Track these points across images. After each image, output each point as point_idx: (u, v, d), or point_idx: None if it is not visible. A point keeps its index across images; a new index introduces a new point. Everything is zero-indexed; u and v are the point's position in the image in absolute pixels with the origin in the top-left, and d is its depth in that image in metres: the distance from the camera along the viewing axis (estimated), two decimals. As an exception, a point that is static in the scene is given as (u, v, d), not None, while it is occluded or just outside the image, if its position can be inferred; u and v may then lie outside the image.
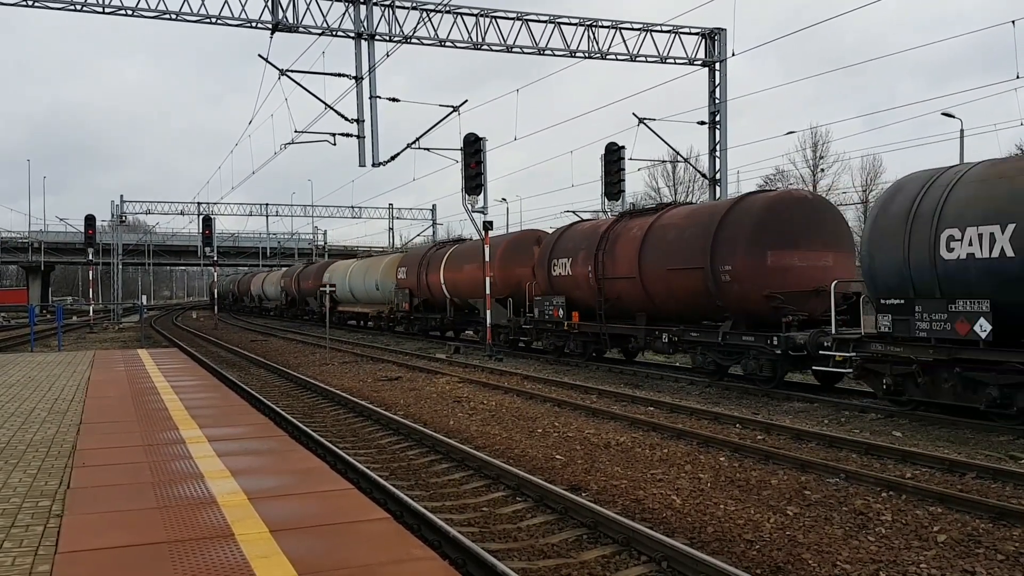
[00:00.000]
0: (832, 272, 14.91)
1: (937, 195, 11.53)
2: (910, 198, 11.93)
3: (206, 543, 4.71)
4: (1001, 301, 10.55)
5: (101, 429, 8.65)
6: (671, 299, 17.34)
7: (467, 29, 25.87)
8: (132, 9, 23.40)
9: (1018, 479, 8.31)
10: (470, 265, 26.56)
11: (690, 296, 16.65)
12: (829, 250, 15.25)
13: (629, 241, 18.50)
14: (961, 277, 11.10)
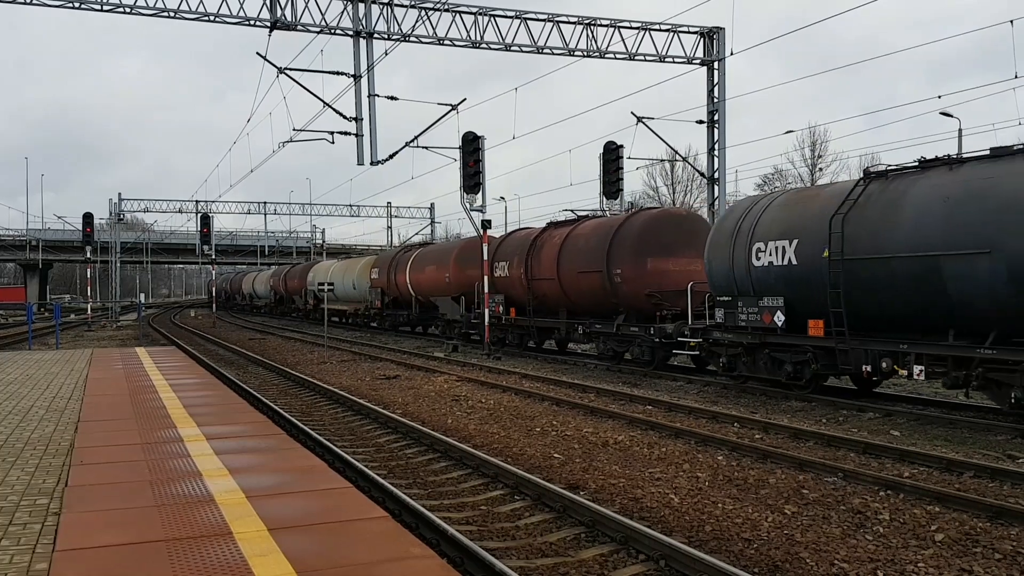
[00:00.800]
0: (700, 276, 17.11)
1: (754, 216, 14.79)
2: (736, 218, 15.31)
3: (204, 541, 4.71)
4: (790, 298, 13.93)
5: (99, 427, 8.65)
6: (582, 297, 20.66)
7: (466, 27, 25.86)
8: (130, 7, 23.36)
9: (1016, 478, 8.33)
10: (431, 267, 29.75)
11: (594, 294, 19.97)
12: (699, 257, 17.25)
13: (551, 248, 21.74)
14: (766, 280, 14.34)
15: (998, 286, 10.87)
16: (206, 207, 64.42)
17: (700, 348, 16.49)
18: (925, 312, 12.00)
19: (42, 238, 77.71)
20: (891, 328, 12.59)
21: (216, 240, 59.09)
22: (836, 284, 12.88)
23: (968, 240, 11.20)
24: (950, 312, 11.62)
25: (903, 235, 12.05)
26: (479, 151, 24.43)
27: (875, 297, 12.58)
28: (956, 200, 11.50)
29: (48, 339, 32.83)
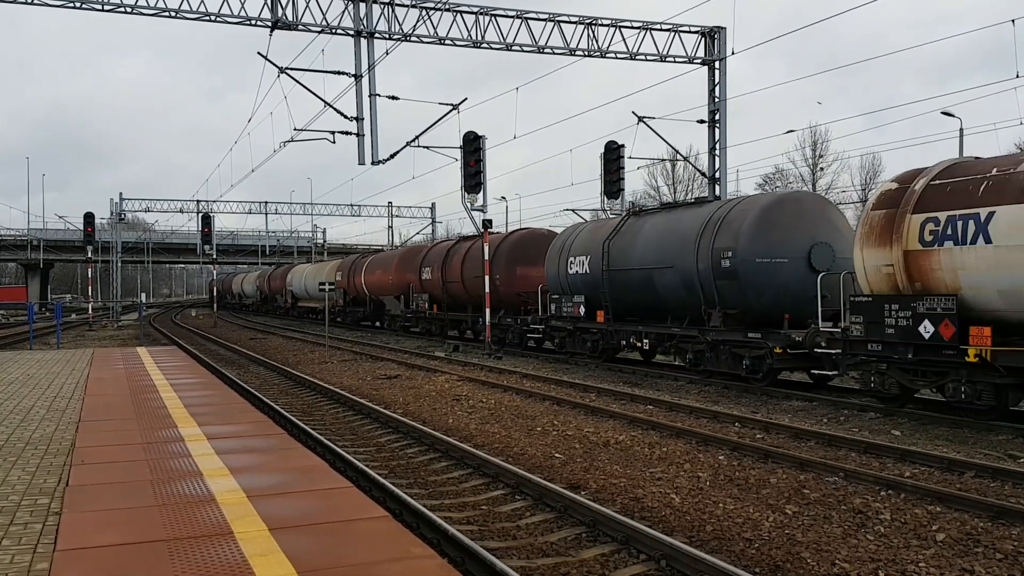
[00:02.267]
0: None
1: (570, 239, 21.65)
2: (562, 240, 22.30)
3: (205, 541, 4.70)
4: (587, 296, 20.23)
5: (100, 427, 8.65)
6: (477, 296, 26.17)
7: (467, 27, 25.84)
8: (131, 6, 23.35)
9: (1017, 478, 8.32)
10: (379, 271, 36.08)
11: (492, 294, 25.22)
12: None
13: (459, 257, 28.12)
14: (574, 283, 20.84)
15: (679, 289, 17.04)
16: (207, 207, 64.39)
17: (543, 332, 22.66)
18: (649, 306, 18.37)
19: (43, 238, 77.73)
20: (636, 316, 19.02)
21: (217, 240, 59.20)
22: (606, 287, 19.22)
23: (665, 259, 17.42)
24: (662, 306, 17.93)
25: (637, 255, 18.40)
26: (480, 151, 24.42)
27: (626, 296, 18.94)
28: (661, 233, 17.94)
29: (49, 339, 32.85)
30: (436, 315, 30.35)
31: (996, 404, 11.15)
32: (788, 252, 15.09)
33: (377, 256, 39.47)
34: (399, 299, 33.43)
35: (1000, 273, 10.61)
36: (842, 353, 12.98)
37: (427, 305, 30.66)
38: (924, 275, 11.57)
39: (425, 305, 30.79)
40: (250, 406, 10.67)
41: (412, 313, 32.08)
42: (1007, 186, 10.59)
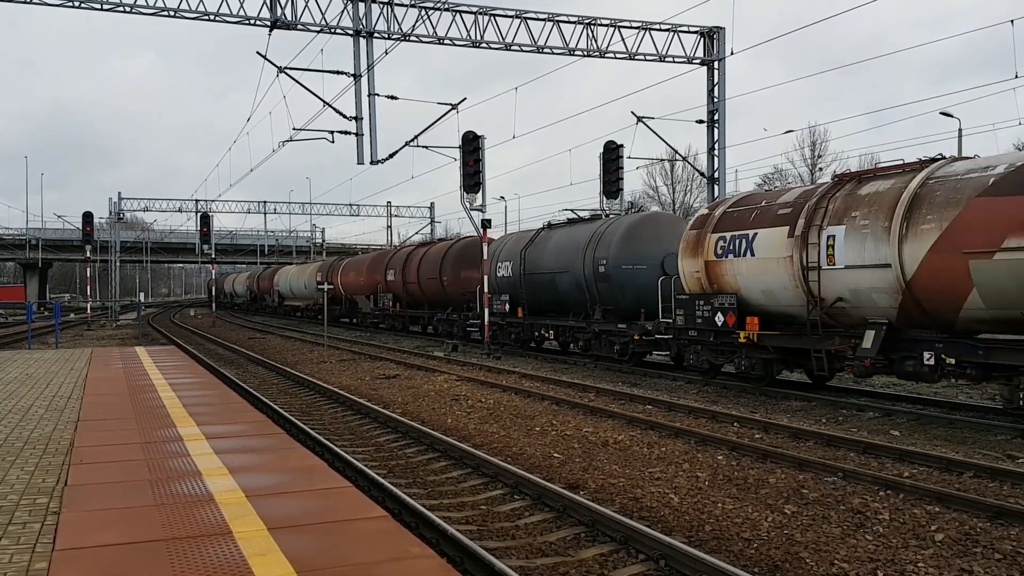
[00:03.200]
0: None
1: (501, 246, 25.20)
2: (495, 247, 25.42)
3: (204, 541, 4.70)
4: (511, 295, 23.80)
5: (99, 426, 8.65)
6: (431, 295, 30.69)
7: (466, 27, 25.84)
8: (130, 6, 23.35)
9: (1016, 478, 8.32)
10: (353, 272, 40.17)
11: (436, 293, 30.01)
12: None
13: (415, 261, 31.98)
14: (503, 285, 24.36)
15: (573, 289, 20.90)
16: (206, 206, 64.38)
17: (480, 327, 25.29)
18: (554, 304, 22.16)
19: (42, 237, 77.68)
20: (547, 313, 22.76)
21: (216, 239, 59.20)
22: (523, 288, 23.17)
23: (564, 265, 21.28)
24: (563, 303, 21.77)
25: (545, 261, 22.29)
26: (479, 150, 24.42)
27: (538, 295, 22.80)
28: (562, 244, 21.72)
29: (48, 338, 32.82)
30: (399, 312, 34.45)
31: (765, 374, 14.86)
32: (647, 260, 18.84)
33: (352, 259, 43.96)
34: (369, 298, 37.44)
35: (760, 277, 14.20)
36: (672, 338, 16.76)
37: (391, 303, 34.90)
38: (718, 279, 15.22)
39: (389, 303, 35.06)
40: (249, 406, 10.66)
41: (379, 311, 36.31)
42: (765, 215, 14.34)
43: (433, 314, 30.32)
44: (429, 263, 30.34)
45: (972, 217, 10.90)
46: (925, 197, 11.59)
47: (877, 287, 12.15)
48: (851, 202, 12.74)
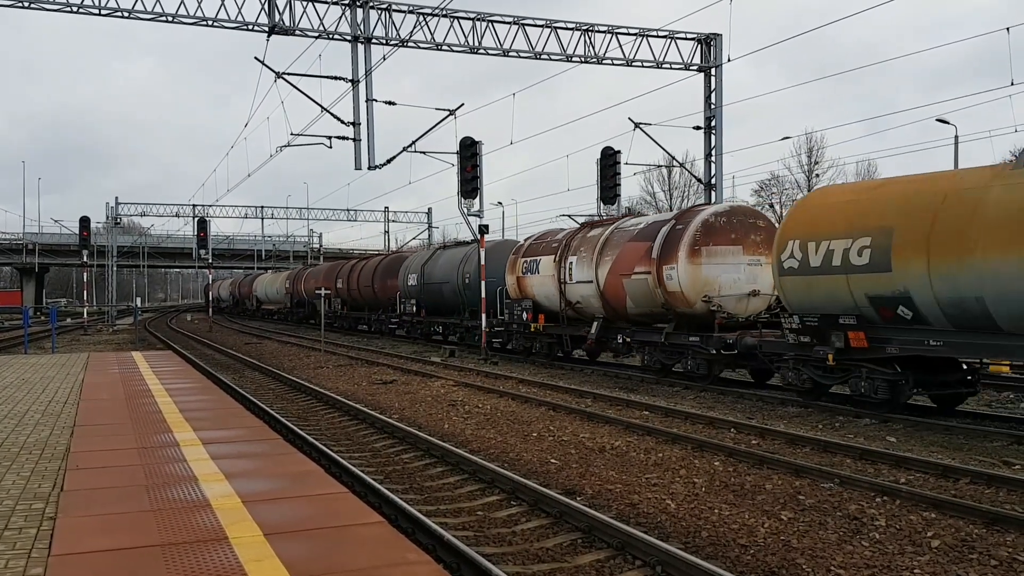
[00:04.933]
0: None
1: (411, 261, 32.72)
2: (407, 261, 33.09)
3: (200, 546, 4.70)
4: (416, 299, 30.98)
5: (95, 431, 8.63)
6: (367, 299, 37.80)
7: (464, 33, 25.90)
8: (128, 11, 23.37)
9: (1012, 485, 8.33)
10: (314, 280, 46.56)
11: (370, 298, 37.32)
12: None
13: (356, 272, 39.16)
14: (411, 291, 31.55)
15: (452, 295, 27.87)
16: (203, 211, 64.27)
17: (398, 323, 33.34)
18: (442, 306, 29.23)
19: (38, 242, 77.52)
20: (438, 313, 29.82)
21: (213, 244, 59.16)
22: (423, 294, 30.33)
23: (447, 277, 28.38)
24: (448, 306, 28.67)
25: (436, 274, 29.44)
26: (476, 156, 24.44)
27: (433, 300, 29.89)
28: (447, 260, 28.98)
29: (44, 343, 32.74)
30: (346, 313, 42.02)
31: (551, 352, 22.06)
32: (494, 275, 24.58)
33: (312, 269, 51.73)
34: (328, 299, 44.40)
35: (542, 288, 21.81)
36: (504, 330, 24.13)
37: (340, 306, 42.01)
38: (523, 289, 22.90)
39: (339, 306, 42.06)
40: (245, 411, 10.65)
41: (331, 312, 42.41)
42: (546, 247, 21.87)
43: (370, 315, 38.00)
44: (366, 274, 37.69)
45: (624, 254, 18.47)
46: (609, 240, 19.25)
47: (591, 295, 19.68)
48: (581, 242, 20.39)
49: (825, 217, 13.29)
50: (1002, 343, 11.05)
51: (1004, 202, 10.67)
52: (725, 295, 16.69)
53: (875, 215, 12.37)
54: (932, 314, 11.61)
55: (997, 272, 10.58)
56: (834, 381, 13.69)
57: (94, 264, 62.24)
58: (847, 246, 12.53)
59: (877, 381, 12.65)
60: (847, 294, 12.66)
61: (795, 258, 13.50)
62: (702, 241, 17.00)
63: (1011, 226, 10.51)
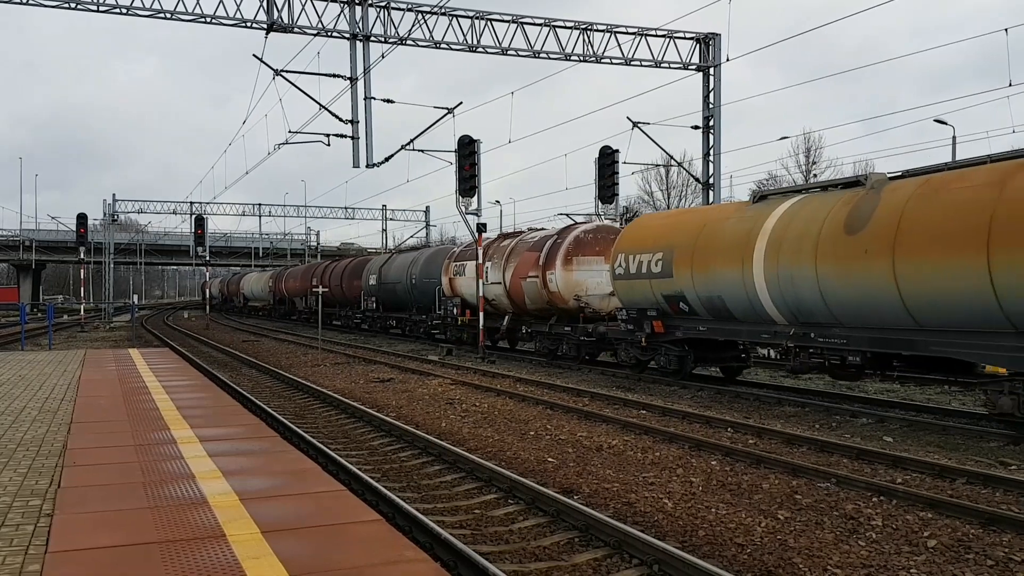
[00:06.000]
0: None
1: (372, 263, 37.57)
2: (368, 263, 38.24)
3: (197, 544, 4.70)
4: (376, 297, 35.89)
5: (92, 428, 8.63)
6: (337, 297, 41.14)
7: (462, 31, 25.88)
8: (127, 8, 23.34)
9: (1008, 485, 8.35)
10: (292, 279, 51.35)
11: (339, 296, 40.60)
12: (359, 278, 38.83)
13: (329, 272, 43.26)
14: (371, 290, 36.20)
15: (404, 294, 32.64)
16: (200, 208, 64.23)
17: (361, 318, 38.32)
18: (396, 303, 33.74)
19: (35, 238, 77.42)
20: (393, 309, 34.39)
21: (210, 242, 59.11)
22: (381, 293, 34.64)
23: (399, 278, 32.99)
24: (401, 303, 33.16)
25: (391, 275, 33.74)
26: (475, 155, 24.42)
27: (388, 298, 34.43)
28: (401, 263, 33.35)
29: (41, 340, 32.70)
30: (316, 309, 45.46)
31: (472, 342, 24.95)
32: (434, 276, 29.05)
33: (292, 269, 56.11)
34: (303, 299, 47.86)
35: (468, 288, 25.87)
36: (442, 324, 28.20)
37: (315, 303, 43.87)
38: (454, 288, 27.17)
39: (314, 303, 43.64)
40: (242, 409, 10.64)
41: (307, 309, 46.42)
42: (472, 254, 25.17)
43: (340, 311, 42.40)
44: (336, 274, 41.78)
45: (523, 261, 22.87)
46: (514, 249, 23.68)
47: (501, 294, 24.08)
48: (495, 250, 24.76)
49: (640, 237, 17.69)
50: (737, 327, 15.32)
51: (733, 230, 14.87)
52: (591, 295, 21.09)
53: (666, 237, 16.74)
54: (698, 308, 15.86)
55: (727, 279, 14.74)
56: (648, 357, 17.85)
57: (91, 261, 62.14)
58: (650, 259, 16.92)
59: (671, 356, 17.06)
60: (651, 294, 17.01)
61: (622, 267, 17.78)
62: (574, 252, 21.65)
63: (735, 246, 14.56)
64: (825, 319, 13.11)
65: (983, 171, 11.23)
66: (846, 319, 12.73)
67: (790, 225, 13.58)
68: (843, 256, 12.34)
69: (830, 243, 12.60)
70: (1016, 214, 10.18)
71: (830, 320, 13.02)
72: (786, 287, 13.49)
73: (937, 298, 11.14)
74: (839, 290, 12.53)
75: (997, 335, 10.68)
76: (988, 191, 10.63)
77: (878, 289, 11.83)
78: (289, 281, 51.76)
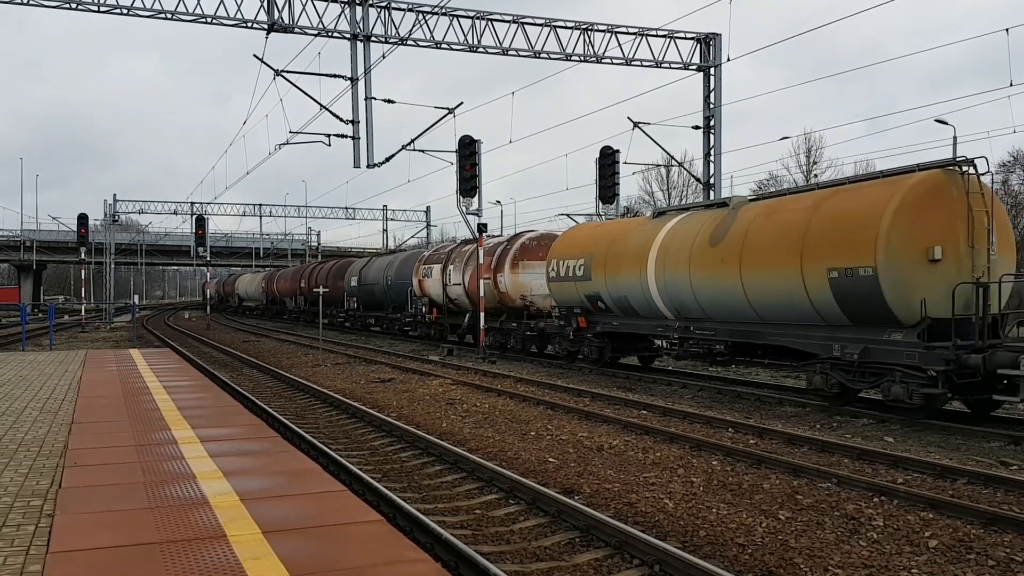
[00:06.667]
0: None
1: (354, 266, 40.72)
2: (350, 266, 41.34)
3: (198, 544, 4.70)
4: (357, 297, 39.03)
5: (93, 429, 8.63)
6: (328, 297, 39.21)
7: (463, 31, 25.88)
8: (128, 8, 23.34)
9: (1009, 485, 8.35)
10: (283, 281, 54.49)
11: (328, 296, 38.77)
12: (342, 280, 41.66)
13: (315, 274, 45.88)
14: (353, 292, 39.46)
15: (382, 294, 35.67)
16: (201, 209, 64.22)
17: (344, 317, 41.24)
18: (375, 303, 36.94)
19: (36, 239, 77.44)
20: (372, 308, 37.45)
21: (211, 242, 59.12)
22: (361, 293, 38.00)
23: (377, 279, 36.19)
24: (378, 303, 36.46)
25: (370, 277, 37.22)
26: (475, 155, 24.43)
27: (368, 298, 37.69)
28: (379, 266, 36.64)
29: (42, 340, 32.71)
30: (305, 308, 48.19)
31: (441, 335, 29.05)
32: (407, 278, 31.73)
33: (284, 270, 59.53)
34: (292, 299, 51.01)
35: (434, 288, 28.83)
36: (414, 320, 31.14)
37: (303, 303, 48.71)
38: (423, 289, 29.81)
39: (302, 303, 48.79)
40: (243, 409, 10.64)
41: (297, 308, 49.86)
42: (439, 258, 28.72)
43: (326, 310, 42.98)
44: (322, 276, 44.44)
45: (484, 264, 24.61)
46: (473, 254, 25.47)
47: (462, 294, 27.00)
48: (457, 255, 27.72)
49: (569, 246, 20.64)
50: (640, 322, 18.15)
51: (636, 240, 17.72)
52: (535, 295, 23.57)
53: (587, 246, 19.62)
54: (612, 306, 18.68)
55: (631, 282, 17.57)
56: (576, 349, 20.71)
57: (92, 261, 62.17)
58: (575, 264, 19.77)
59: (593, 347, 19.86)
60: (576, 293, 19.87)
61: (555, 270, 20.78)
62: (520, 257, 24.33)
63: (636, 255, 17.43)
64: (699, 315, 16.00)
65: (805, 197, 14.04)
66: (714, 315, 15.56)
67: (674, 238, 16.48)
68: (708, 264, 15.19)
69: (699, 253, 15.46)
70: (819, 232, 12.86)
71: (703, 316, 15.91)
72: (671, 289, 16.38)
73: (771, 298, 13.90)
74: (706, 291, 15.36)
75: (812, 327, 13.48)
76: (805, 213, 13.39)
77: (732, 291, 14.60)
78: (280, 282, 55.19)
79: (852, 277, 12.24)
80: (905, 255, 11.95)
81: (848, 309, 12.58)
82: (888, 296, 11.92)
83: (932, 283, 11.91)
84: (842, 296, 12.52)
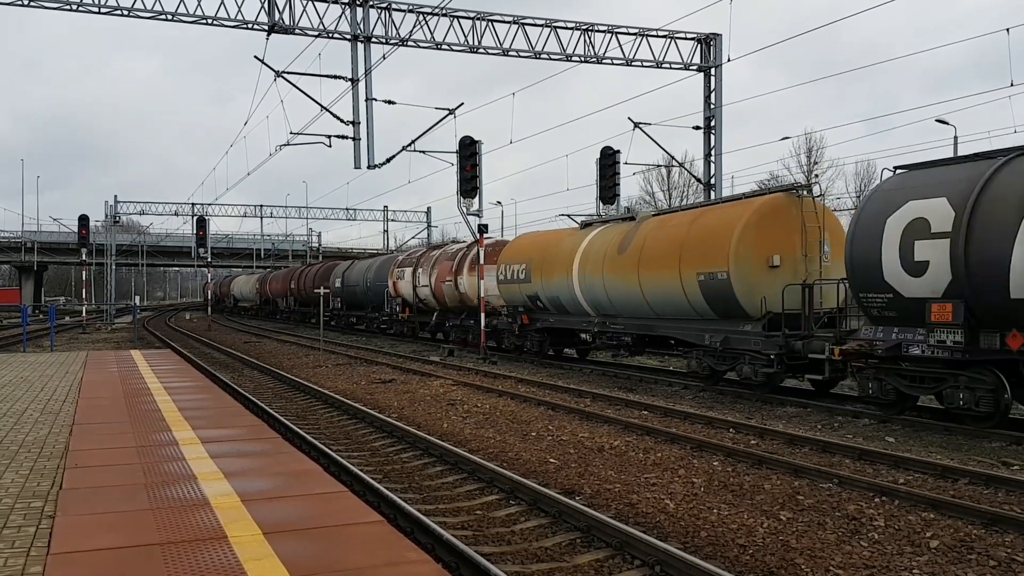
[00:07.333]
0: None
1: (339, 268, 43.38)
2: (335, 268, 43.96)
3: (199, 545, 4.70)
4: (342, 298, 42.03)
5: (94, 430, 8.63)
6: (312, 298, 42.06)
7: (463, 32, 25.88)
8: (128, 9, 23.35)
9: (1011, 485, 8.34)
10: (274, 282, 57.02)
11: (313, 297, 41.41)
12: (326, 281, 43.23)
13: (304, 276, 48.01)
14: (339, 291, 41.82)
15: (365, 294, 38.04)
16: (202, 210, 64.21)
17: (332, 316, 42.20)
18: (357, 303, 39.91)
19: (37, 240, 77.46)
20: (355, 308, 40.59)
21: (212, 243, 59.15)
22: (345, 294, 40.89)
23: (358, 281, 38.85)
24: (360, 303, 39.39)
25: (352, 279, 39.91)
26: (476, 155, 24.42)
27: (351, 298, 40.51)
28: (361, 268, 39.54)
29: (43, 341, 32.72)
30: (295, 309, 51.37)
31: (414, 334, 32.55)
32: (384, 281, 33.98)
33: (276, 272, 61.89)
34: (284, 300, 53.76)
35: (406, 289, 31.41)
36: (389, 320, 33.55)
37: (293, 303, 51.68)
38: (397, 290, 32.29)
39: (292, 303, 51.77)
40: (244, 410, 10.64)
41: (287, 309, 53.09)
42: (412, 262, 31.54)
43: (314, 310, 44.07)
44: (309, 278, 46.64)
45: (443, 267, 27.99)
46: (438, 258, 28.94)
47: (429, 295, 29.48)
48: (425, 259, 30.46)
49: (515, 252, 23.70)
50: (570, 319, 20.98)
51: (565, 247, 20.74)
52: (490, 295, 24.72)
53: (528, 252, 22.63)
54: (548, 305, 21.54)
55: (561, 283, 20.51)
56: (521, 343, 23.60)
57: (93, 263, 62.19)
58: (519, 268, 22.71)
59: (535, 341, 22.90)
60: (520, 294, 22.76)
61: (503, 274, 23.63)
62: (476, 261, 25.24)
63: (565, 260, 20.35)
64: (612, 312, 18.93)
65: (687, 214, 17.34)
66: (622, 312, 18.52)
67: (593, 246, 19.45)
68: (616, 268, 18.18)
69: (611, 260, 18.39)
70: (692, 243, 15.90)
71: (615, 313, 18.85)
72: (590, 290, 19.36)
73: (661, 297, 16.90)
74: (616, 292, 18.29)
75: (690, 320, 16.47)
76: (684, 228, 16.52)
77: (633, 291, 17.62)
78: (272, 284, 57.99)
79: (714, 279, 15.25)
80: (750, 262, 14.89)
81: (713, 305, 15.51)
82: (738, 295, 14.86)
83: (771, 284, 14.65)
84: (709, 295, 15.44)
